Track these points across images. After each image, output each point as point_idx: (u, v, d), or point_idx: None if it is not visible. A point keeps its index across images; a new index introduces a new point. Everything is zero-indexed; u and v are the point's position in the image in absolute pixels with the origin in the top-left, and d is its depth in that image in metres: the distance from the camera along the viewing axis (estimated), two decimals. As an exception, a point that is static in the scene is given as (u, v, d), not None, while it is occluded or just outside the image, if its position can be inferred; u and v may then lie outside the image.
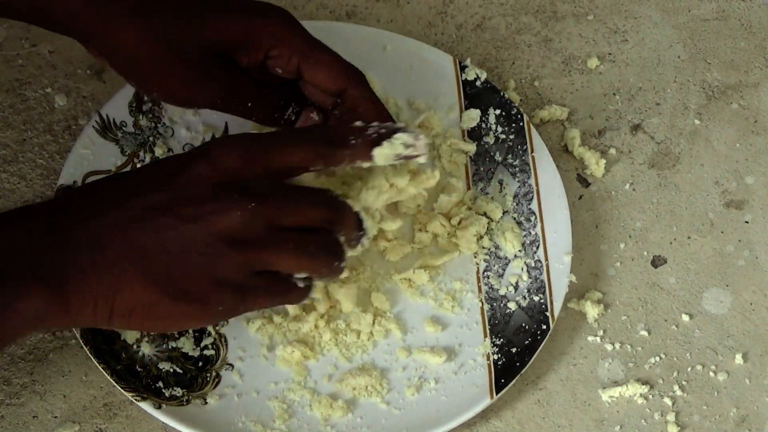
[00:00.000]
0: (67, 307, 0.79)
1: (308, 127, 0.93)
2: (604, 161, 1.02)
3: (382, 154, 0.84)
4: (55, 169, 0.99)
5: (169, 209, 0.80)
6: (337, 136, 0.85)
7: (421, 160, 0.85)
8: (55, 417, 0.91)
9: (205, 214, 0.80)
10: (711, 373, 0.96)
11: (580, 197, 1.02)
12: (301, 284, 0.84)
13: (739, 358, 0.96)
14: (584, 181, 1.02)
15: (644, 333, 0.97)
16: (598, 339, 0.96)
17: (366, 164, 0.85)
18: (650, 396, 0.94)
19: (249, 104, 0.92)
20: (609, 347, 0.96)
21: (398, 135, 0.85)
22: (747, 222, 1.02)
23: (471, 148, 1.00)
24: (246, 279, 0.82)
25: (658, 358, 0.96)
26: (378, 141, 0.84)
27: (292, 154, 0.84)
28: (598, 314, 0.97)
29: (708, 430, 0.94)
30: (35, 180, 0.98)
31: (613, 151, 1.04)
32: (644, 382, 0.94)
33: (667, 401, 0.94)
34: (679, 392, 0.95)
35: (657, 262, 1.00)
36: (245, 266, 0.81)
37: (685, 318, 0.97)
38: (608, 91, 1.06)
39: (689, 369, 0.96)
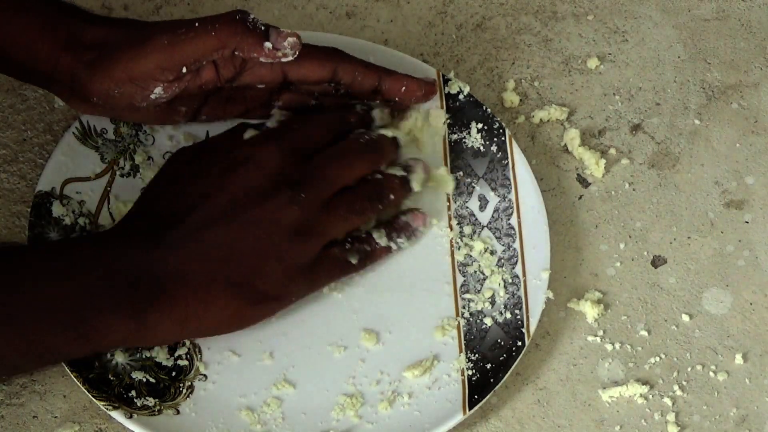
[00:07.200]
0: (154, 333, 0.87)
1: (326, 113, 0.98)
2: (604, 161, 1.02)
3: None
4: (55, 169, 0.99)
5: (232, 218, 0.88)
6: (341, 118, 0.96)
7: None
8: (55, 417, 0.91)
9: (266, 215, 0.88)
10: (711, 373, 0.96)
11: (580, 197, 1.02)
12: (354, 261, 0.93)
13: (739, 358, 0.96)
14: (584, 181, 1.02)
15: (644, 333, 0.97)
16: (597, 339, 0.96)
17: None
18: (650, 396, 0.94)
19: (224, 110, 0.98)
20: (609, 347, 0.96)
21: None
22: (747, 222, 1.02)
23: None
24: (312, 261, 0.90)
25: (658, 358, 0.96)
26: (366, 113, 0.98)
27: (317, 134, 0.93)
28: (598, 314, 0.97)
29: (708, 430, 0.94)
30: (35, 180, 0.98)
31: (613, 151, 1.04)
32: (644, 382, 0.94)
33: (667, 401, 0.94)
34: (679, 392, 0.95)
35: (657, 262, 1.00)
36: (310, 249, 0.90)
37: (685, 318, 0.97)
38: (608, 91, 1.06)
39: (689, 369, 0.96)
